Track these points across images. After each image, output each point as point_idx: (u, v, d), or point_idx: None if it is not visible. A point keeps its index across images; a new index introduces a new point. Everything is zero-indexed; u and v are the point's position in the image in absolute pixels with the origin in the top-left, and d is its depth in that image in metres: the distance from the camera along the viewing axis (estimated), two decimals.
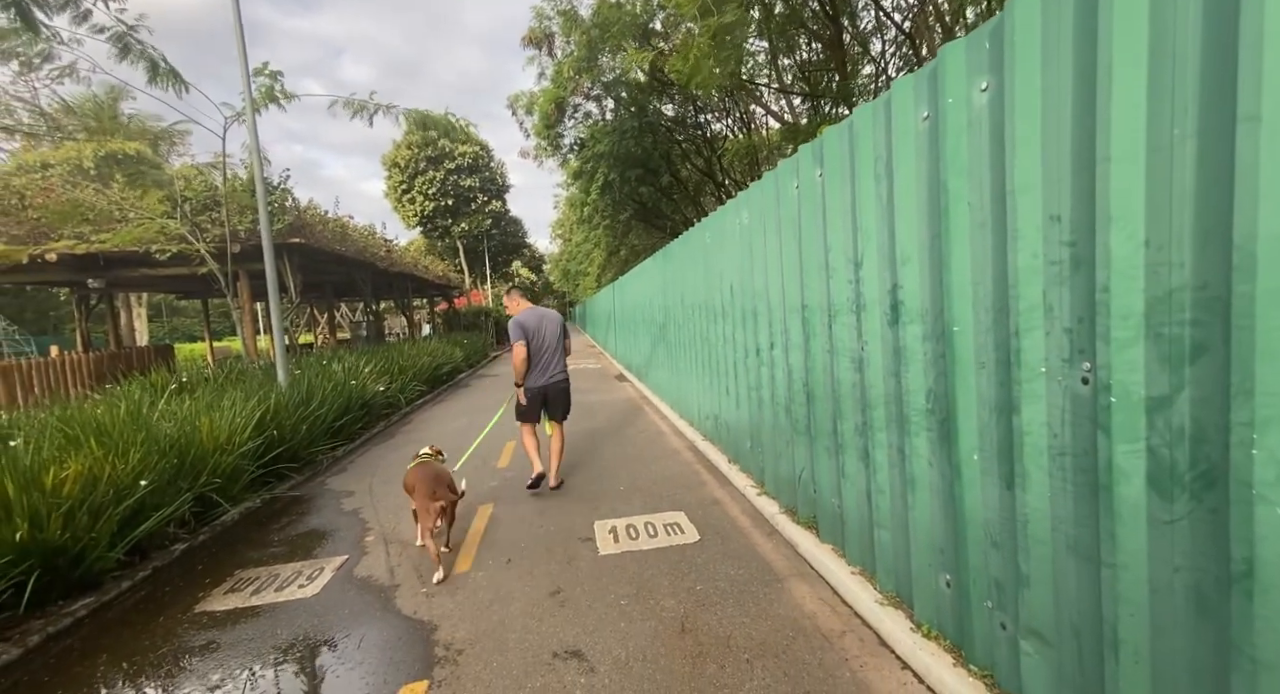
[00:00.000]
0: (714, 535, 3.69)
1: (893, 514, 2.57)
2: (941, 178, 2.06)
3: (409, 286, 20.52)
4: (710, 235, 5.14)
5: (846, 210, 2.74)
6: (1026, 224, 1.72)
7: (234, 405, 5.22)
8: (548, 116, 16.62)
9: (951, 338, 2.08)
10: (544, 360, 4.69)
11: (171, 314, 46.10)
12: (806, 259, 3.22)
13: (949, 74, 1.98)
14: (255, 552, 3.95)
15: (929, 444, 2.28)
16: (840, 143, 2.77)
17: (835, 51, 10.51)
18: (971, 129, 1.91)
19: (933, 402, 2.24)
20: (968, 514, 2.07)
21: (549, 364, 4.72)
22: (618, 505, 4.34)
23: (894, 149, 2.33)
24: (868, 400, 2.69)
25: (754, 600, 2.87)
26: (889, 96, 2.35)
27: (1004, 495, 1.91)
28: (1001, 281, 1.84)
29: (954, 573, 2.20)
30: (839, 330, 2.92)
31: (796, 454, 3.57)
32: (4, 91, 21.07)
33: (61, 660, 2.76)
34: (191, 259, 8.56)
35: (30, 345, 21.91)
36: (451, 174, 35.44)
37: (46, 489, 3.29)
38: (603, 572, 3.29)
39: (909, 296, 2.32)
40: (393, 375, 9.65)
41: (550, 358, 4.72)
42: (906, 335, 2.35)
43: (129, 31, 6.23)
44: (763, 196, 3.79)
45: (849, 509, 2.97)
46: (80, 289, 12.21)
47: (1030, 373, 1.74)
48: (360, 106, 9.18)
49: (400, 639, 2.73)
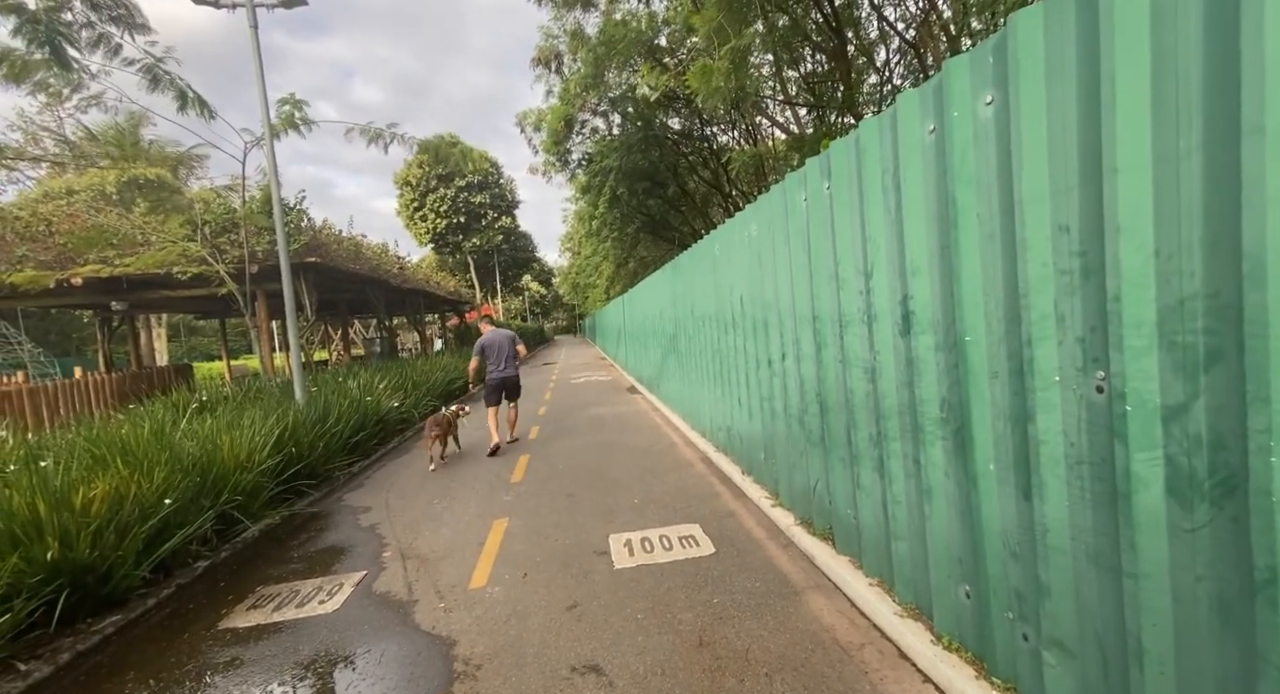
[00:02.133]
0: (729, 548, 3.68)
1: (910, 525, 2.56)
2: (950, 190, 2.09)
3: (421, 302, 20.78)
4: (720, 247, 5.18)
5: (855, 222, 2.76)
6: (1036, 235, 1.73)
7: (253, 424, 5.31)
8: (556, 133, 16.88)
9: (964, 348, 2.09)
10: (500, 362, 7.12)
11: (190, 334, 46.97)
12: (816, 270, 3.24)
13: (954, 88, 2.01)
14: (276, 568, 4.00)
15: (944, 454, 2.28)
16: (847, 156, 2.81)
17: (840, 62, 10.59)
18: (978, 142, 1.94)
19: (947, 411, 2.24)
20: (986, 524, 2.07)
21: (503, 363, 7.13)
22: (632, 518, 4.35)
23: (901, 162, 2.36)
24: (881, 411, 2.69)
25: (771, 613, 2.86)
26: (894, 110, 2.39)
27: (1022, 505, 1.91)
28: (1012, 292, 1.86)
29: (974, 584, 2.18)
30: (850, 341, 2.93)
31: (811, 465, 3.57)
32: (31, 121, 21.87)
33: (91, 677, 2.81)
34: (211, 280, 8.76)
35: (54, 367, 22.40)
36: (462, 191, 36.03)
37: (76, 509, 3.37)
38: (619, 585, 3.29)
39: (920, 307, 2.33)
40: (406, 391, 9.75)
41: (504, 360, 7.14)
42: (919, 345, 2.36)
43: (157, 63, 6.46)
44: (771, 209, 3.83)
45: (865, 520, 2.96)
46: (103, 311, 12.52)
47: (1044, 382, 1.75)
48: (376, 134, 9.38)
49: (420, 654, 2.75)
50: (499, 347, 7.12)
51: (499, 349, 7.12)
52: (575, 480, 5.52)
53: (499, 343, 7.13)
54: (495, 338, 7.15)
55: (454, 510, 4.92)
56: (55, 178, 19.89)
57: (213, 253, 8.53)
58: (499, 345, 7.13)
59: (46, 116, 21.92)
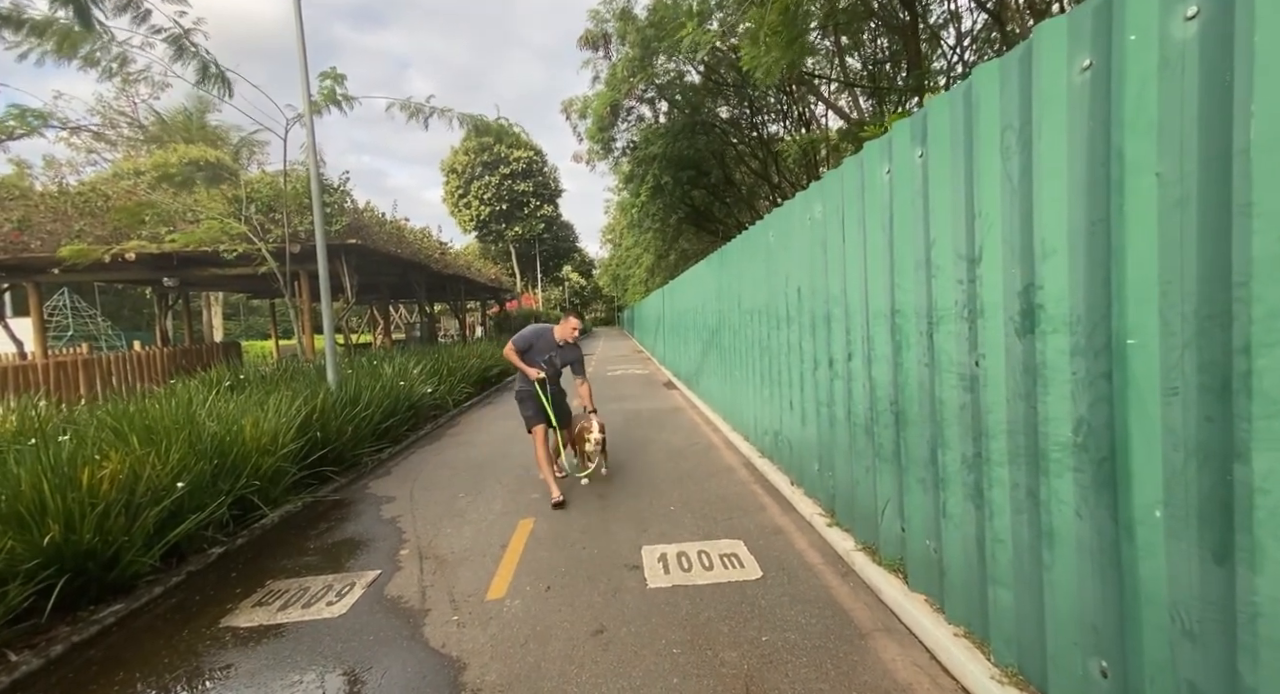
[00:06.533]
0: (779, 572, 3.23)
1: (1018, 571, 2.06)
2: (1115, 143, 1.57)
3: (462, 289, 20.86)
4: (774, 234, 4.68)
5: (959, 195, 2.25)
6: (1271, 195, 1.22)
7: (279, 405, 5.15)
8: (601, 119, 16.48)
9: (1123, 353, 1.58)
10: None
11: (248, 313, 49.19)
12: (899, 256, 2.73)
13: (1132, 1, 1.49)
14: (290, 559, 3.79)
15: (1077, 489, 1.77)
16: (950, 114, 2.29)
17: (908, 41, 9.78)
18: (1167, 72, 1.42)
19: (1085, 435, 1.73)
20: (1145, 589, 1.56)
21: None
22: (667, 529, 3.94)
23: (1036, 114, 1.84)
24: (984, 428, 2.19)
25: (832, 660, 2.40)
26: (1027, 47, 1.87)
27: (1210, 571, 1.40)
28: (1218, 279, 1.34)
29: (1116, 662, 1.68)
30: (942, 340, 2.43)
31: (880, 483, 3.07)
32: (109, 106, 23.05)
33: (80, 675, 2.60)
34: (253, 259, 8.78)
35: (121, 340, 23.65)
36: (506, 179, 36.20)
37: (83, 488, 3.20)
38: (652, 608, 2.89)
39: (1051, 299, 1.82)
40: (441, 377, 9.60)
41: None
42: (1046, 348, 1.86)
43: (184, 34, 6.37)
44: (842, 186, 3.33)
45: (951, 556, 2.46)
46: (158, 287, 12.93)
47: (1272, 406, 1.24)
48: (416, 109, 9.21)
49: (425, 678, 2.43)
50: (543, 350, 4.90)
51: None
52: (607, 480, 5.15)
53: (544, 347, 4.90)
54: (538, 337, 4.90)
55: (479, 506, 4.63)
56: (129, 160, 20.88)
57: (254, 230, 8.53)
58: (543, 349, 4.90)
59: (122, 101, 23.07)
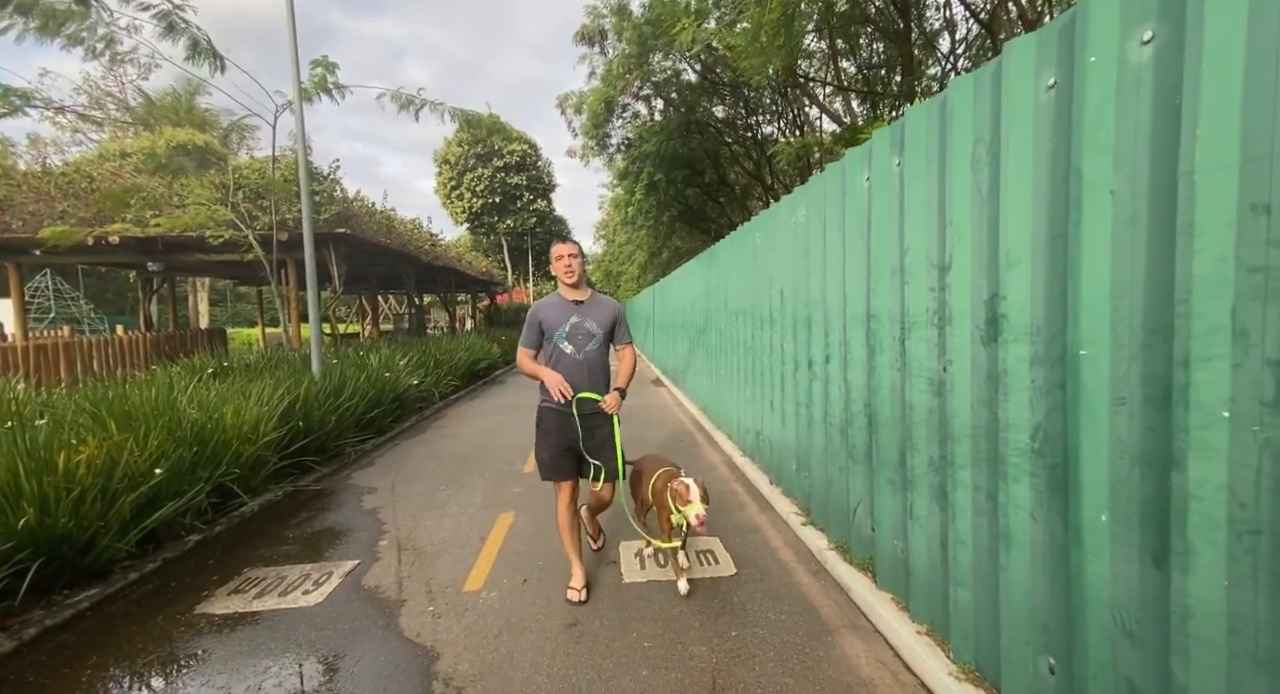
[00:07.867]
0: (752, 569, 3.29)
1: (977, 572, 2.13)
2: (1073, 161, 1.63)
3: (452, 281, 20.76)
4: (761, 235, 4.73)
5: (932, 204, 2.31)
6: (1212, 218, 1.28)
7: (261, 393, 5.13)
8: (597, 115, 16.45)
9: (1076, 363, 1.64)
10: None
11: (235, 300, 48.55)
12: (876, 262, 2.79)
13: (1093, 25, 1.54)
14: (268, 548, 3.79)
15: (1033, 493, 1.84)
16: (926, 124, 2.34)
17: (903, 47, 9.87)
18: (1124, 94, 1.48)
19: (1041, 442, 1.80)
20: (1090, 589, 1.63)
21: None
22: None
23: (1004, 128, 1.90)
24: (949, 432, 2.25)
25: (798, 656, 2.46)
26: (998, 63, 1.93)
27: (1148, 574, 1.46)
28: (1163, 295, 1.40)
29: (1062, 659, 1.75)
30: (914, 346, 2.49)
31: (852, 484, 3.14)
32: (96, 86, 22.61)
33: (53, 658, 2.61)
34: (240, 246, 8.71)
35: (104, 324, 23.28)
36: (499, 171, 35.98)
37: (59, 472, 3.19)
38: (626, 603, 2.94)
39: (1014, 309, 1.88)
40: (428, 369, 9.58)
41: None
42: (1008, 357, 1.92)
43: (174, 9, 6.30)
44: (825, 191, 3.38)
45: (916, 556, 2.52)
46: (143, 272, 12.76)
47: (1206, 418, 1.30)
48: (408, 101, 9.15)
49: (397, 667, 2.46)
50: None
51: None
52: None
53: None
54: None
55: (460, 499, 4.65)
56: (115, 141, 20.53)
57: (241, 217, 8.46)
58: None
59: (110, 82, 22.65)
